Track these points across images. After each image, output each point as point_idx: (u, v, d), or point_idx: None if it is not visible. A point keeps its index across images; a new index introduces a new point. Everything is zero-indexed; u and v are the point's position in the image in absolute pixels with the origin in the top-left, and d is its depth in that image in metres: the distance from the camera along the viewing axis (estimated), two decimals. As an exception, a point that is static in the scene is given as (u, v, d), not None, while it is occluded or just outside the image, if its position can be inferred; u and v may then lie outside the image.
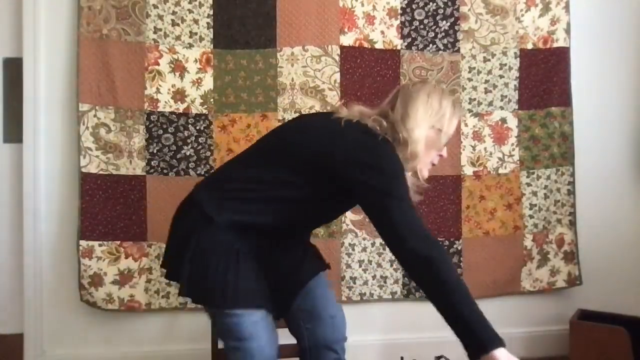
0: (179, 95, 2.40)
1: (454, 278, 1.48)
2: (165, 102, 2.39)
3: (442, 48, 2.54)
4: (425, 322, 2.58)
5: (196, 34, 2.40)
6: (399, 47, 2.51)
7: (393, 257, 2.50)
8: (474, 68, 2.55)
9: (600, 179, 2.68)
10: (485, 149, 2.57)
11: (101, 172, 2.35)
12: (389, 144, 1.52)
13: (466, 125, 2.56)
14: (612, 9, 2.67)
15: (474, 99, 2.56)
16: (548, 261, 2.62)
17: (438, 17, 2.53)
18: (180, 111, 2.40)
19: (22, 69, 2.36)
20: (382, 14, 2.49)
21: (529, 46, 2.57)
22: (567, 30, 2.59)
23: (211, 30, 2.41)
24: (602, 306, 2.50)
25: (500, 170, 2.58)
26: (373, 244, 2.51)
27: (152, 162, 2.39)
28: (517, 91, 2.58)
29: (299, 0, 2.43)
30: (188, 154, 2.40)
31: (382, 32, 2.50)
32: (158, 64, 2.37)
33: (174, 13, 2.38)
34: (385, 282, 2.52)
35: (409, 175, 1.60)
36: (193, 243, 1.57)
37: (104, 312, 2.39)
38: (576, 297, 2.62)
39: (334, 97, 2.46)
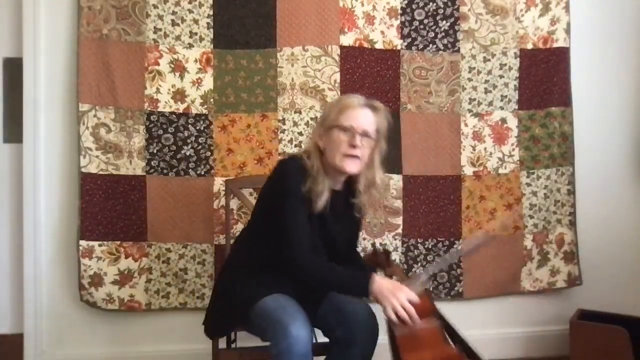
0: (179, 95, 2.40)
1: None
2: (165, 102, 2.39)
3: (442, 48, 2.53)
4: (425, 322, 2.59)
5: (196, 34, 2.40)
6: (399, 47, 2.51)
7: (393, 257, 2.51)
8: (474, 68, 2.55)
9: (600, 179, 2.68)
10: (485, 149, 2.57)
11: (101, 172, 2.35)
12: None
13: (466, 125, 2.56)
14: (612, 9, 2.67)
15: (474, 99, 2.56)
16: (548, 261, 2.62)
17: (438, 17, 2.53)
18: (180, 111, 2.40)
19: (22, 69, 2.37)
20: (382, 14, 2.49)
21: (529, 46, 2.57)
22: (567, 30, 2.59)
23: (211, 30, 2.41)
24: (602, 306, 2.50)
25: (500, 170, 2.58)
26: (373, 245, 2.50)
27: (152, 162, 2.39)
28: (517, 91, 2.58)
29: (299, 0, 2.43)
30: (188, 154, 2.40)
31: (382, 32, 2.50)
32: (158, 64, 2.37)
33: (174, 13, 2.38)
34: (385, 282, 2.52)
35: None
36: None
37: (104, 312, 2.39)
38: (576, 297, 2.62)
39: (333, 97, 2.45)
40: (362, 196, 1.79)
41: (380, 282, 1.60)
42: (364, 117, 1.73)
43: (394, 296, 1.55)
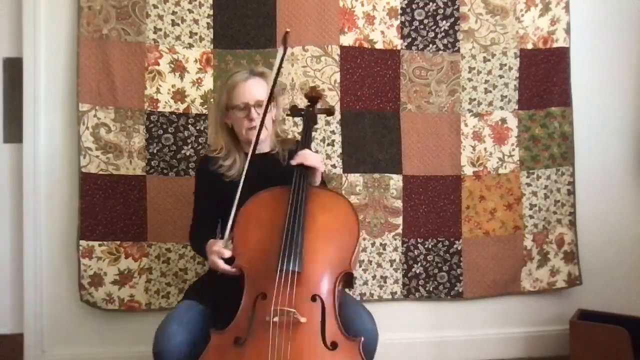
0: (179, 95, 2.40)
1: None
2: (165, 102, 2.39)
3: (442, 48, 2.53)
4: (424, 322, 2.59)
5: (196, 34, 2.40)
6: (399, 47, 2.51)
7: (393, 257, 2.52)
8: (474, 68, 2.55)
9: (600, 179, 2.67)
10: (485, 149, 2.57)
11: (101, 172, 2.35)
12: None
13: (466, 125, 2.56)
14: (612, 9, 2.66)
15: (474, 99, 2.56)
16: (548, 261, 2.62)
17: (438, 17, 2.53)
18: (180, 111, 2.40)
19: (22, 69, 2.37)
20: (382, 14, 2.49)
21: (529, 46, 2.57)
22: (567, 30, 2.59)
23: (211, 30, 2.41)
24: (602, 306, 2.50)
25: (500, 170, 2.58)
26: (373, 244, 2.51)
27: (152, 162, 2.39)
28: (517, 91, 2.58)
29: (299, 0, 2.43)
30: (188, 154, 2.40)
31: (382, 32, 2.50)
32: (158, 64, 2.37)
33: (174, 13, 2.38)
34: (385, 282, 2.52)
35: None
36: None
37: (104, 312, 2.39)
38: (576, 297, 2.62)
39: (334, 97, 2.46)
40: (279, 146, 1.97)
41: (207, 244, 1.72)
42: (252, 89, 1.86)
43: (210, 258, 1.67)
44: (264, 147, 1.94)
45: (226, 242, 1.67)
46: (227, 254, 1.64)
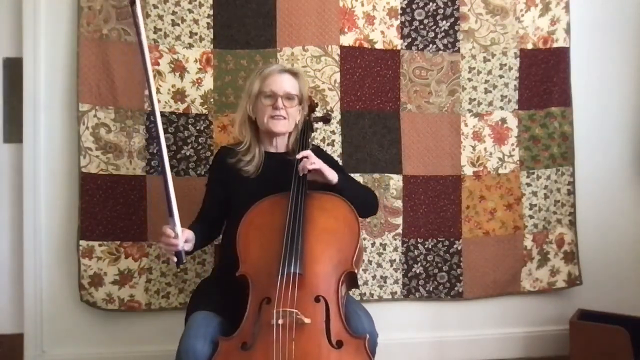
0: (179, 95, 2.40)
1: None
2: (166, 102, 2.39)
3: (442, 48, 2.54)
4: (424, 322, 2.59)
5: (196, 34, 2.40)
6: (399, 47, 2.51)
7: (393, 257, 2.52)
8: (474, 68, 2.55)
9: (600, 179, 2.68)
10: (485, 149, 2.57)
11: (101, 172, 2.35)
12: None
13: (466, 125, 2.56)
14: (612, 9, 2.67)
15: (474, 99, 2.56)
16: (548, 261, 2.62)
17: (438, 17, 2.53)
18: (180, 111, 2.40)
19: (22, 69, 2.37)
20: (382, 14, 2.50)
21: (529, 46, 2.57)
22: (567, 30, 2.59)
23: (211, 30, 2.41)
24: (602, 306, 2.50)
25: (500, 170, 2.58)
26: (373, 244, 2.51)
27: (152, 162, 2.39)
28: (517, 91, 2.58)
29: (299, 0, 2.43)
30: (188, 154, 2.40)
31: (382, 32, 2.50)
32: (158, 64, 2.37)
33: (174, 13, 2.38)
34: (385, 282, 2.52)
35: None
36: None
37: (104, 312, 2.39)
38: (576, 297, 2.62)
39: (334, 97, 2.46)
40: (294, 154, 1.89)
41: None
42: (284, 81, 1.91)
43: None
44: (282, 146, 1.97)
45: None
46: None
